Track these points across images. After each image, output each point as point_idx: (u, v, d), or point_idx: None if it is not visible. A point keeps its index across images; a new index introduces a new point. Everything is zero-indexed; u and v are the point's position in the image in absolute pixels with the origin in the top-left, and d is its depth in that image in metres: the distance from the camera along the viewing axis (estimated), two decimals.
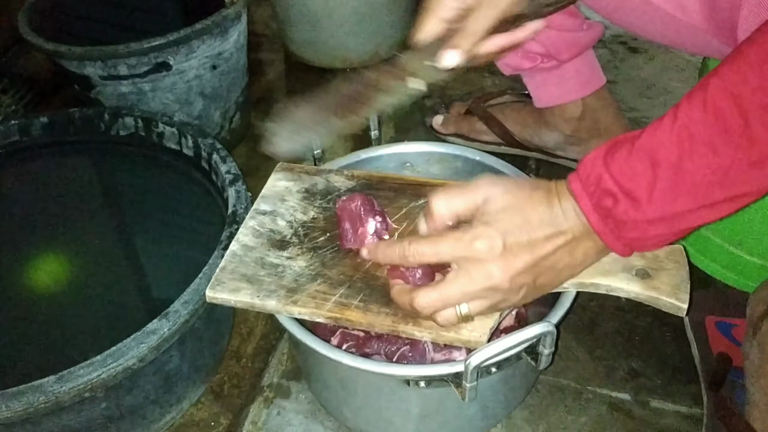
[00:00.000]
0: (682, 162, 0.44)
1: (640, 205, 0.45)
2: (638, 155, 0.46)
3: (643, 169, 0.45)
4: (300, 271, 0.59)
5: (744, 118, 0.42)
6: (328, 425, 0.73)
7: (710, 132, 0.43)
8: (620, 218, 0.47)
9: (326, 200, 0.67)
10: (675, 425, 0.71)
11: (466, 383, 0.51)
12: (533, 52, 0.89)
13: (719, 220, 0.47)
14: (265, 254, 0.61)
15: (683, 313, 0.53)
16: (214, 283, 0.58)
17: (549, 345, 0.52)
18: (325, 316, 0.55)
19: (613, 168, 0.46)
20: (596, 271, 0.55)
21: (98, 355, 0.60)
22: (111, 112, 0.94)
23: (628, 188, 0.46)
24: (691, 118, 0.44)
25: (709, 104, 0.43)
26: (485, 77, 1.27)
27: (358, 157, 0.76)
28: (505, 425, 0.72)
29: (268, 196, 0.68)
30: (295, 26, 1.30)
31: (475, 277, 0.49)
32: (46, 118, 0.94)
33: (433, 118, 1.10)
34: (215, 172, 0.84)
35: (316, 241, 0.62)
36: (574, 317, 0.82)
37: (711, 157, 0.43)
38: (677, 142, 0.44)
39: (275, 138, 0.62)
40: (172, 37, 0.91)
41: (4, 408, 0.57)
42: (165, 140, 0.91)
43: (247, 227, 0.64)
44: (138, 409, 0.68)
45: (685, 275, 0.54)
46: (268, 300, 0.56)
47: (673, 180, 0.44)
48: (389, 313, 0.54)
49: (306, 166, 0.72)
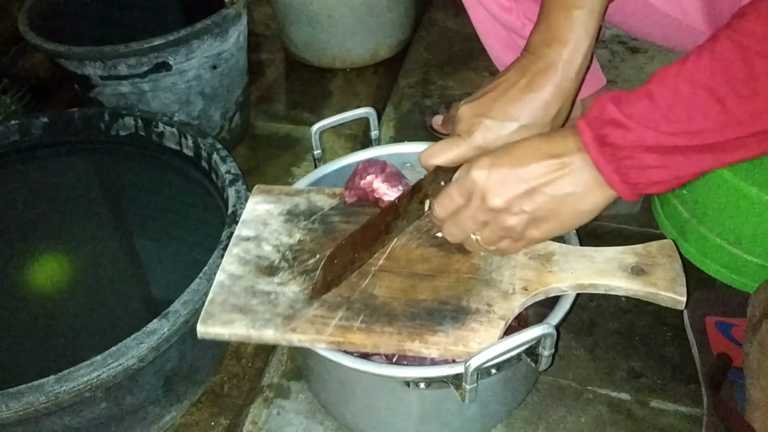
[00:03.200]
0: (683, 102, 0.45)
1: (637, 131, 0.46)
2: (643, 93, 0.47)
3: (646, 103, 0.46)
4: (294, 296, 0.56)
5: (749, 68, 0.43)
6: (328, 425, 0.73)
7: (715, 79, 0.44)
8: (616, 143, 0.47)
9: (311, 221, 0.64)
10: (675, 425, 0.72)
11: (466, 385, 0.51)
12: None
13: (721, 222, 0.47)
14: (255, 282, 0.58)
15: (682, 306, 0.53)
16: (205, 316, 0.55)
17: (549, 347, 0.52)
18: (327, 341, 0.53)
19: (617, 101, 0.48)
20: (593, 271, 0.56)
21: (98, 355, 0.60)
22: (111, 112, 0.94)
23: (628, 114, 0.47)
24: (698, 65, 0.45)
25: (716, 53, 0.44)
26: (485, 77, 1.27)
27: (358, 157, 0.76)
28: (505, 425, 0.72)
29: (249, 221, 0.65)
30: (295, 26, 1.30)
31: (474, 201, 0.52)
32: (46, 118, 0.94)
33: (432, 118, 1.10)
34: (215, 172, 0.84)
35: (306, 264, 0.60)
36: (574, 317, 0.82)
37: (712, 103, 0.44)
38: (682, 84, 0.45)
39: (320, 281, 0.56)
40: (172, 37, 0.91)
41: (4, 408, 0.57)
42: (165, 140, 0.91)
43: (232, 255, 0.61)
44: (138, 409, 0.68)
45: (679, 268, 0.55)
46: (264, 330, 0.54)
47: (673, 115, 0.46)
48: (393, 332, 0.53)
49: (284, 187, 0.68)
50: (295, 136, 1.17)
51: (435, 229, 0.61)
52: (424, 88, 1.26)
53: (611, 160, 0.48)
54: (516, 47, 0.88)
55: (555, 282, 0.56)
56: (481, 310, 0.54)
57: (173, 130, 0.90)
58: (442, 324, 0.53)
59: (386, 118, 1.18)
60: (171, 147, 0.91)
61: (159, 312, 0.63)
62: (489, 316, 0.53)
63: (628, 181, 0.49)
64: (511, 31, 0.86)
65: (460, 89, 1.24)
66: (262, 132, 1.19)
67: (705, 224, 0.80)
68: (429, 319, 0.54)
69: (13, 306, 0.79)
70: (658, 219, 0.89)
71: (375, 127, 0.76)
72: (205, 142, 0.86)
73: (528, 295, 0.55)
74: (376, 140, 0.77)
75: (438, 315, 0.54)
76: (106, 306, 0.78)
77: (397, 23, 1.32)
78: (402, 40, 1.37)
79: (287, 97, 1.29)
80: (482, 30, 0.89)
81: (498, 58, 0.93)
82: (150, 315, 0.63)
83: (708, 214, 0.79)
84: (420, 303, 0.55)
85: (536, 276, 0.56)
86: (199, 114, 1.04)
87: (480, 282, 0.56)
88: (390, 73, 1.32)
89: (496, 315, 0.53)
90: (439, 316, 0.54)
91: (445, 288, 0.56)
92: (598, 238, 0.92)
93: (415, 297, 0.56)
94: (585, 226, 0.56)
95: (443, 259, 0.59)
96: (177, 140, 0.90)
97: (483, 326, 0.53)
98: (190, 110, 1.03)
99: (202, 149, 0.87)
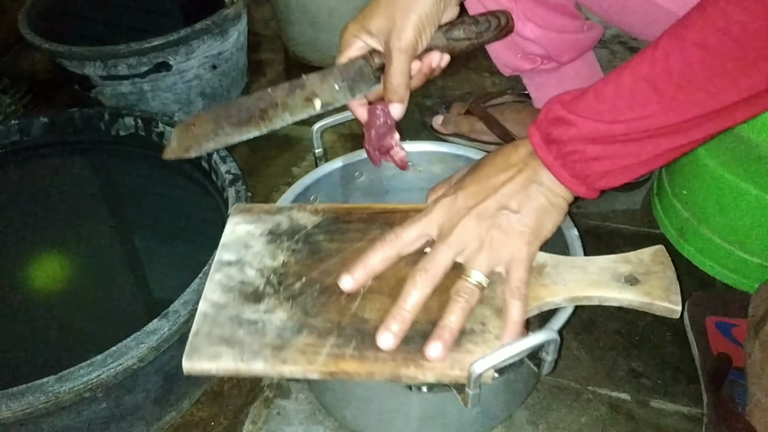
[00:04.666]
0: (624, 94, 0.48)
1: (579, 124, 0.50)
2: (590, 89, 0.50)
3: (590, 98, 0.50)
4: (282, 324, 0.53)
5: (685, 58, 0.47)
6: (328, 425, 0.73)
7: (653, 71, 0.48)
8: (560, 138, 0.51)
9: (294, 241, 0.61)
10: (675, 425, 0.72)
11: (469, 390, 0.50)
12: (533, 54, 0.89)
13: (719, 223, 0.47)
14: (240, 310, 0.54)
15: (677, 316, 0.53)
16: (190, 351, 0.52)
17: (552, 352, 0.51)
18: (320, 372, 0.50)
19: (564, 101, 0.51)
20: (586, 283, 0.54)
21: (98, 355, 0.60)
22: (111, 112, 0.94)
23: (572, 110, 0.50)
24: (641, 59, 0.49)
25: (658, 46, 0.48)
26: (485, 77, 1.27)
27: (359, 156, 0.76)
28: (505, 425, 0.72)
29: (229, 244, 0.60)
30: (295, 26, 1.30)
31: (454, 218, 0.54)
32: (46, 118, 0.94)
33: (432, 118, 1.10)
34: (215, 172, 0.84)
35: (292, 289, 0.56)
36: (574, 317, 0.81)
37: (651, 93, 0.48)
38: (624, 78, 0.49)
39: (173, 144, 0.63)
40: (172, 37, 0.91)
41: (4, 408, 0.57)
42: (165, 140, 0.91)
43: (214, 282, 0.57)
44: (138, 409, 0.68)
45: (673, 276, 0.54)
46: (253, 362, 0.51)
47: (614, 106, 0.49)
48: (387, 358, 0.50)
49: (265, 205, 0.65)
50: (295, 136, 1.17)
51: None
52: (424, 88, 1.24)
53: (557, 156, 0.51)
54: (516, 47, 0.88)
55: (548, 296, 0.54)
56: (475, 330, 0.52)
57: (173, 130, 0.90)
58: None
59: None
60: None
61: (159, 312, 0.63)
62: (484, 336, 0.51)
63: (577, 175, 0.51)
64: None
65: (460, 89, 1.24)
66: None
67: (705, 224, 0.80)
68: (423, 342, 0.51)
69: (13, 306, 0.79)
70: (658, 219, 0.89)
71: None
72: None
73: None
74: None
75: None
76: (106, 306, 0.78)
77: None
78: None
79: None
80: None
81: (498, 57, 0.93)
82: (150, 315, 0.63)
83: (708, 214, 0.79)
84: (413, 325, 0.52)
85: (529, 290, 0.54)
86: None
87: None
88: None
89: (491, 334, 0.51)
90: None
91: (437, 308, 0.53)
92: (599, 238, 0.92)
93: None
94: (585, 226, 0.55)
95: None
96: None
97: (479, 347, 0.51)
98: (190, 110, 1.03)
99: None
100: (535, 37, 0.85)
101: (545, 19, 0.84)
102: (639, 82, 0.48)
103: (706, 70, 0.46)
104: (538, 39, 0.85)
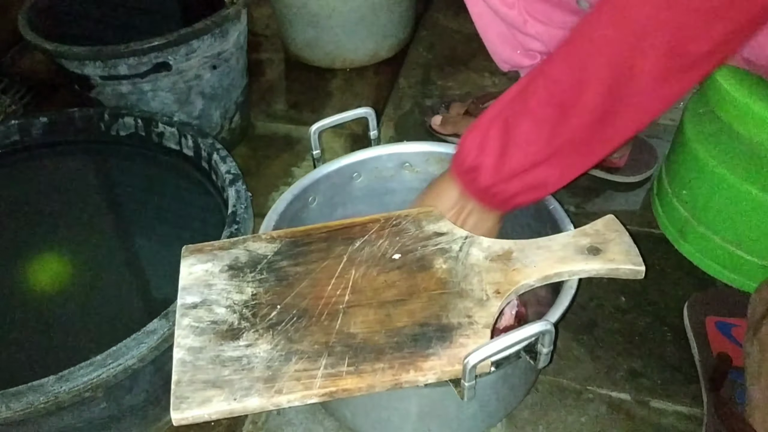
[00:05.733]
0: (511, 136, 0.56)
1: (493, 172, 0.58)
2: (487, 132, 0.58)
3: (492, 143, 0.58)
4: (268, 356, 0.51)
5: (552, 105, 0.54)
6: (328, 425, 0.73)
7: (530, 108, 0.55)
8: (483, 186, 0.59)
9: (258, 271, 0.59)
10: (675, 425, 0.72)
11: (465, 382, 0.51)
12: (533, 50, 0.89)
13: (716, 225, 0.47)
14: (220, 350, 0.52)
15: (642, 276, 0.55)
16: (176, 401, 0.48)
17: (548, 344, 0.52)
18: (319, 395, 0.49)
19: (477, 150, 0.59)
20: (554, 260, 0.56)
21: (98, 355, 0.60)
22: (111, 112, 0.94)
23: (481, 162, 0.58)
24: (511, 103, 0.57)
25: (528, 92, 0.55)
26: (485, 77, 1.27)
27: (358, 157, 0.76)
28: (505, 425, 0.72)
29: (189, 287, 0.58)
30: (295, 26, 1.30)
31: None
32: (46, 118, 0.94)
33: (432, 119, 1.10)
34: (215, 172, 0.84)
35: (269, 318, 0.54)
36: (574, 317, 0.82)
37: (529, 127, 0.55)
38: (509, 120, 0.56)
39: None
40: (172, 37, 0.91)
41: (4, 408, 0.57)
42: (165, 140, 0.91)
43: (183, 327, 0.54)
44: (138, 409, 0.68)
45: (629, 240, 0.57)
46: (247, 400, 0.48)
47: (509, 147, 0.56)
48: (385, 367, 0.50)
49: (216, 242, 0.62)
50: (295, 136, 1.17)
51: (390, 252, 0.60)
52: (424, 88, 1.26)
53: (483, 197, 0.60)
54: (516, 43, 0.88)
55: (523, 279, 0.55)
56: (463, 323, 0.52)
57: (173, 130, 0.90)
58: (431, 347, 0.51)
59: (386, 118, 1.18)
60: (171, 147, 0.91)
61: (159, 312, 0.63)
62: (473, 328, 0.52)
63: (503, 203, 0.60)
64: (512, 26, 0.86)
65: (460, 89, 1.24)
66: (262, 132, 1.20)
67: (705, 224, 0.80)
68: (416, 345, 0.51)
69: (13, 306, 0.79)
70: (658, 219, 0.89)
71: (374, 128, 0.76)
72: (205, 142, 0.86)
73: (502, 297, 0.54)
74: (375, 140, 0.77)
75: (423, 338, 0.52)
76: (106, 306, 0.78)
77: (397, 23, 1.32)
78: (402, 40, 1.37)
79: (287, 97, 1.29)
80: (481, 24, 0.89)
81: (496, 53, 0.92)
82: (150, 315, 0.63)
83: (708, 214, 0.79)
84: (401, 330, 0.53)
85: (504, 277, 0.56)
86: (199, 114, 1.04)
87: (452, 295, 0.55)
88: (390, 73, 1.32)
89: (479, 325, 0.52)
90: (425, 340, 0.52)
91: (420, 309, 0.54)
92: None
93: (394, 325, 0.53)
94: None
95: (408, 281, 0.57)
96: (177, 140, 0.90)
97: (471, 339, 0.51)
98: (190, 110, 1.03)
99: (202, 149, 0.87)
100: (536, 33, 0.85)
101: (547, 16, 0.84)
102: (524, 115, 0.55)
103: (554, 108, 0.53)
104: (540, 35, 0.85)
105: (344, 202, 0.77)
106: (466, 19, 0.90)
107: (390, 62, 1.35)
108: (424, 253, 0.59)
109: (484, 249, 0.58)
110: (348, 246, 0.61)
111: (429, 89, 1.25)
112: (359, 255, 0.60)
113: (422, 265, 0.58)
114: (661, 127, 1.10)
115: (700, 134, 0.80)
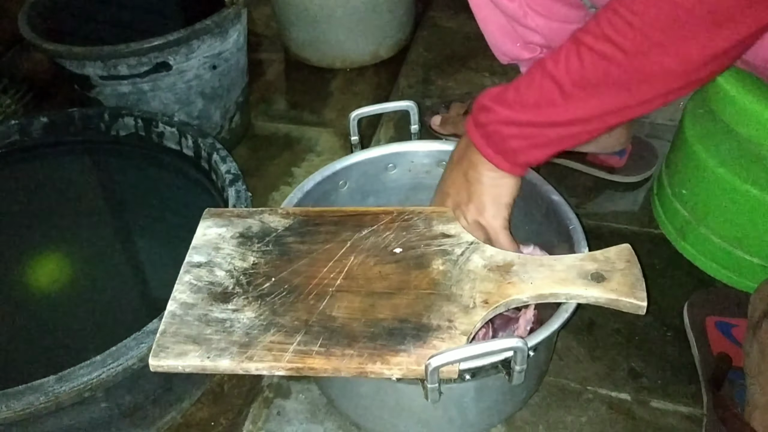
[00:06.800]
0: (534, 87, 0.56)
1: (497, 110, 0.58)
2: (512, 83, 0.58)
3: (508, 90, 0.58)
4: (249, 323, 0.54)
5: (580, 59, 0.53)
6: (328, 425, 0.73)
7: (557, 69, 0.54)
8: (483, 121, 0.60)
9: (264, 243, 0.61)
10: (675, 425, 0.72)
11: (427, 383, 0.50)
12: (533, 43, 0.89)
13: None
14: (208, 310, 0.55)
15: (643, 312, 0.53)
16: (157, 349, 0.52)
17: (519, 362, 0.51)
18: (286, 368, 0.51)
19: (491, 94, 0.60)
20: (552, 280, 0.55)
21: (98, 355, 0.60)
22: (111, 112, 0.94)
23: (494, 99, 0.59)
24: (552, 58, 0.56)
25: (563, 47, 0.54)
26: (485, 77, 1.27)
27: (359, 157, 0.75)
28: (505, 425, 0.72)
29: (200, 246, 0.61)
30: (295, 26, 1.30)
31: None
32: (46, 118, 0.94)
33: (432, 118, 1.10)
34: (215, 172, 0.84)
35: (261, 289, 0.57)
36: (574, 317, 0.82)
37: (554, 89, 0.55)
38: (536, 73, 0.56)
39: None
40: (172, 37, 0.91)
41: (4, 408, 0.57)
42: (165, 140, 0.91)
43: (183, 283, 0.58)
44: (138, 409, 0.68)
45: (638, 273, 0.55)
46: (220, 360, 0.51)
47: (525, 97, 0.57)
48: (354, 354, 0.51)
49: (237, 209, 0.66)
50: (295, 136, 1.17)
51: (392, 245, 0.60)
52: (424, 88, 1.26)
53: (483, 135, 0.60)
54: (516, 36, 0.88)
55: (515, 293, 0.54)
56: (442, 326, 0.52)
57: (173, 130, 0.90)
58: (404, 343, 0.52)
59: (386, 118, 1.18)
60: (171, 147, 0.91)
61: (159, 312, 0.63)
62: (450, 332, 0.52)
63: (498, 152, 0.59)
64: (512, 19, 0.86)
65: (460, 89, 1.24)
66: (262, 132, 1.19)
67: (705, 224, 0.80)
68: (390, 338, 0.52)
69: (13, 306, 0.79)
70: (658, 219, 0.89)
71: (415, 122, 0.76)
72: (205, 142, 0.86)
73: (489, 308, 0.54)
74: (415, 134, 0.77)
75: (399, 334, 0.52)
76: (106, 306, 0.78)
77: (397, 23, 1.32)
78: (402, 40, 1.37)
79: (287, 97, 1.29)
80: (481, 16, 0.89)
81: (496, 45, 0.92)
82: (150, 315, 0.64)
83: (708, 214, 0.79)
84: (380, 322, 0.53)
85: (496, 288, 0.55)
86: (199, 114, 1.04)
87: (440, 297, 0.55)
88: (390, 73, 1.32)
89: (457, 331, 0.52)
90: (400, 335, 0.52)
91: (404, 305, 0.54)
92: (599, 238, 0.92)
93: (375, 316, 0.54)
94: (585, 226, 0.56)
95: (402, 276, 0.57)
96: (177, 140, 0.90)
97: (445, 343, 0.51)
98: (190, 110, 1.03)
99: (202, 149, 0.87)
100: (537, 27, 0.85)
101: (548, 9, 0.84)
102: (546, 78, 0.55)
103: (597, 74, 0.52)
104: (540, 28, 0.85)
105: (377, 191, 0.77)
106: (465, 19, 0.90)
107: (390, 62, 1.35)
108: (425, 251, 0.59)
109: (485, 257, 0.58)
110: (355, 233, 0.62)
111: (429, 89, 1.25)
112: (363, 243, 0.61)
113: (420, 263, 0.58)
114: (661, 127, 1.10)
115: (700, 134, 0.80)
